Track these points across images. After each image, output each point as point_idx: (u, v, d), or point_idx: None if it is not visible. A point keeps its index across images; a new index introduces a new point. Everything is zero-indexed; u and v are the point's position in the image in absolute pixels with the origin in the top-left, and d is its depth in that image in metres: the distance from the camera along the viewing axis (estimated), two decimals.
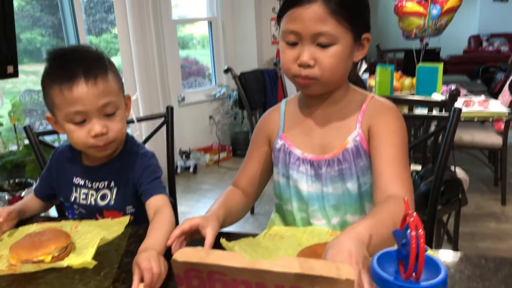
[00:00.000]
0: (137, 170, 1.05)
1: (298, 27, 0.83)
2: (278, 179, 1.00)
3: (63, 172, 1.10)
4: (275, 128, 0.99)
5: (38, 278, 0.80)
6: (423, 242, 0.49)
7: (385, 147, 0.86)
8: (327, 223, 0.95)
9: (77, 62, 0.93)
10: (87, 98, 0.92)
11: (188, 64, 4.92)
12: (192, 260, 0.45)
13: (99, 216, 1.07)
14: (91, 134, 0.95)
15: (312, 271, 0.45)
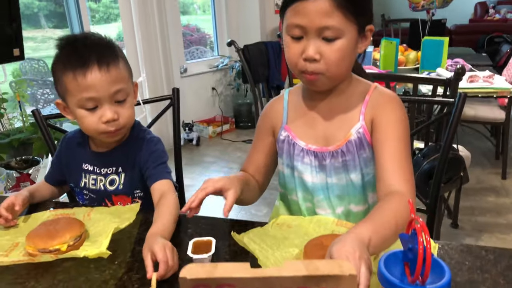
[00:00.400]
0: (143, 154, 1.07)
1: (304, 21, 0.82)
2: (282, 170, 1.01)
3: (73, 158, 1.12)
4: (279, 119, 1.00)
5: (55, 267, 0.83)
6: (430, 248, 0.51)
7: (388, 141, 0.87)
8: (332, 212, 0.97)
9: (90, 49, 0.95)
10: (100, 84, 0.94)
11: (189, 32, 4.85)
12: (200, 276, 0.47)
13: (108, 201, 1.10)
14: (102, 120, 0.97)
15: (318, 271, 0.47)
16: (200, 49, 4.69)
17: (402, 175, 0.83)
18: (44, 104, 4.30)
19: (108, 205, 1.10)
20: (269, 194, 2.98)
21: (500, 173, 2.93)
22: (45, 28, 5.59)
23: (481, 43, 5.04)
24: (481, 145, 3.49)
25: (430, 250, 0.51)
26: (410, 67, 2.93)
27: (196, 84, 4.18)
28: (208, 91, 4.33)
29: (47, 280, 0.79)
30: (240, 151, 3.75)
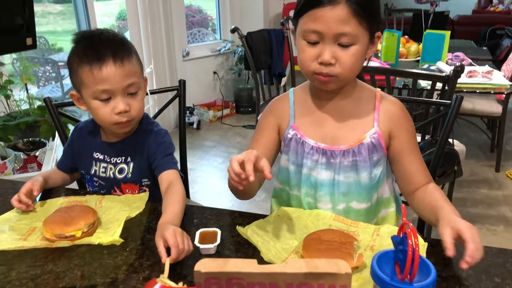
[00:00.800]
0: (151, 145, 1.13)
1: (321, 27, 0.85)
2: (287, 166, 1.05)
3: (84, 147, 1.18)
4: (285, 117, 1.03)
5: (71, 251, 0.89)
6: (418, 250, 0.57)
7: (412, 151, 1.01)
8: (332, 208, 1.02)
9: (106, 45, 1.01)
10: (114, 78, 1.00)
11: (192, 13, 4.84)
12: (213, 270, 0.53)
13: (117, 188, 1.16)
14: (115, 111, 1.03)
15: (317, 269, 0.53)
16: (202, 31, 4.69)
17: (425, 173, 1.01)
18: (45, 82, 4.31)
19: (116, 192, 1.16)
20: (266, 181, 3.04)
21: (494, 165, 3.00)
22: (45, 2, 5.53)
23: (482, 35, 5.05)
24: (477, 138, 3.55)
25: (419, 252, 0.56)
26: (411, 59, 2.96)
27: (197, 68, 4.20)
28: (209, 75, 4.35)
29: (64, 264, 0.85)
30: (240, 136, 3.80)
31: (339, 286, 0.53)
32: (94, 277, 0.81)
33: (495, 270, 0.79)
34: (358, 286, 0.75)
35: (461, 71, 1.83)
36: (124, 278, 0.80)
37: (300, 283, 0.53)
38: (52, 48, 5.05)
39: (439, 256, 0.84)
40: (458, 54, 2.86)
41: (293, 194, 1.07)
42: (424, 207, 0.96)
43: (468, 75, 2.45)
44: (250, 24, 4.28)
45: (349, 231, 0.91)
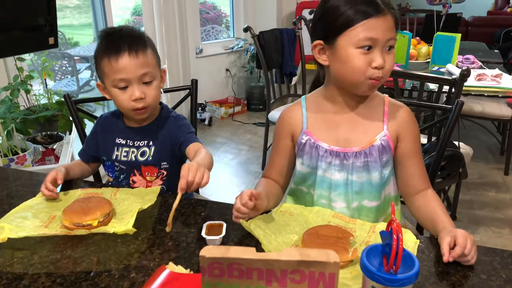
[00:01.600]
0: (173, 129, 1.26)
1: (377, 34, 0.95)
2: (301, 169, 1.11)
3: (107, 134, 1.29)
4: (299, 124, 1.10)
5: (87, 239, 0.96)
6: (402, 245, 0.62)
7: (415, 155, 1.08)
8: (346, 207, 1.08)
9: (123, 39, 1.15)
10: (130, 68, 1.13)
11: (206, 9, 4.91)
12: (216, 255, 0.60)
13: (137, 172, 1.26)
14: (132, 98, 1.16)
15: (309, 257, 0.60)
16: (215, 28, 4.75)
17: (425, 178, 1.09)
18: (61, 76, 4.42)
19: (136, 175, 1.26)
20: None
21: (503, 169, 3.01)
22: None
23: (497, 36, 5.02)
24: (488, 140, 3.55)
25: (402, 246, 0.62)
26: (421, 61, 2.98)
27: (210, 65, 4.27)
28: (222, 72, 4.42)
29: (81, 250, 0.92)
30: (250, 133, 3.86)
31: (328, 273, 0.59)
32: (109, 263, 0.88)
33: (481, 267, 0.84)
34: (352, 278, 0.80)
35: (467, 75, 1.86)
36: (136, 265, 0.87)
37: (293, 270, 0.59)
38: (69, 42, 5.16)
39: (431, 253, 0.89)
40: (468, 57, 2.87)
41: (308, 192, 1.13)
42: (422, 216, 1.05)
43: (477, 78, 2.47)
44: (263, 23, 4.34)
45: (347, 228, 0.96)
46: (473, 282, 0.80)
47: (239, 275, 0.61)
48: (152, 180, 1.27)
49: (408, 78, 2.30)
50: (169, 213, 1.00)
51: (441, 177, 1.99)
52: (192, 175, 0.95)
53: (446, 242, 0.85)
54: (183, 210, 1.08)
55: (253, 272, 0.61)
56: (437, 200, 1.04)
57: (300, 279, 0.60)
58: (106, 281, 0.82)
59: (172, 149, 1.24)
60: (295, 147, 1.12)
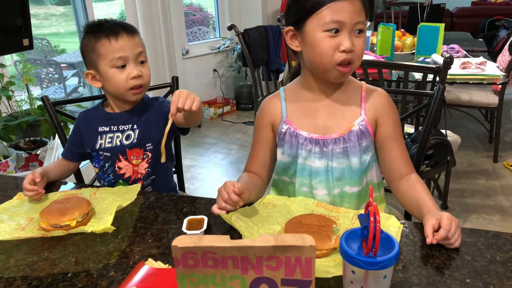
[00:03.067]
0: (155, 107, 1.29)
1: (343, 17, 0.94)
2: (282, 159, 1.11)
3: (89, 126, 1.29)
4: (278, 114, 1.10)
5: (65, 240, 0.94)
6: (379, 227, 0.61)
7: (396, 139, 1.07)
8: (327, 194, 1.07)
9: (116, 24, 1.21)
10: (128, 46, 1.19)
11: (192, 11, 4.88)
12: (189, 245, 0.57)
13: (122, 157, 1.26)
14: (130, 76, 1.20)
15: (284, 242, 0.58)
16: (202, 29, 4.73)
17: (408, 163, 1.08)
18: (48, 84, 4.38)
19: (121, 160, 1.26)
20: None
21: (492, 156, 3.02)
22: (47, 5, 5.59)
23: (482, 26, 5.05)
24: (476, 129, 3.57)
25: (380, 228, 0.61)
26: (406, 52, 2.98)
27: (197, 66, 4.24)
28: (209, 72, 4.40)
29: (59, 252, 0.90)
30: (241, 132, 3.84)
31: (304, 258, 0.57)
32: (88, 262, 0.86)
33: (466, 248, 0.83)
34: (335, 266, 0.79)
35: (450, 63, 1.86)
36: (115, 263, 0.85)
37: (269, 256, 0.58)
38: (55, 50, 5.12)
39: (415, 238, 0.88)
40: (453, 46, 2.88)
41: (291, 182, 1.12)
42: (407, 200, 1.03)
43: (462, 67, 2.47)
44: (249, 21, 4.32)
45: (330, 216, 0.95)
46: (458, 263, 0.79)
47: (214, 264, 0.59)
48: (138, 163, 1.26)
49: (392, 68, 2.30)
50: (151, 211, 0.98)
51: (430, 165, 1.99)
52: (182, 101, 0.97)
53: (430, 224, 0.84)
54: (164, 207, 1.06)
55: (228, 260, 0.59)
56: (421, 184, 1.03)
57: (276, 266, 0.58)
58: (84, 281, 0.80)
59: (158, 127, 1.25)
60: (276, 138, 1.11)
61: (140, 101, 1.30)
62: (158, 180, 1.31)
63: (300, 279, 0.58)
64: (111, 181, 1.28)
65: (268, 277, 0.59)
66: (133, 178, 1.27)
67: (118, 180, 1.26)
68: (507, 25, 3.84)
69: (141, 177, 1.27)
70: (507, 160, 2.99)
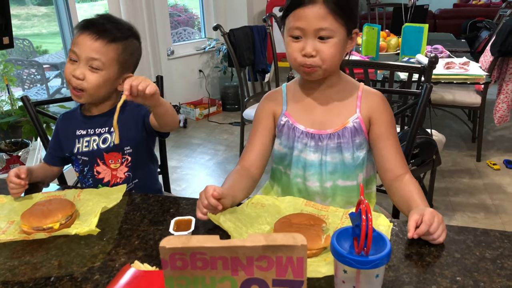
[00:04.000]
0: (132, 109, 1.24)
1: (303, 24, 0.98)
2: (279, 149, 1.15)
3: (67, 129, 1.26)
4: (279, 106, 1.15)
5: (48, 243, 0.91)
6: (371, 225, 0.60)
7: (389, 138, 1.08)
8: (320, 186, 1.11)
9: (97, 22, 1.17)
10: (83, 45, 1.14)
11: (177, 12, 4.85)
12: (177, 245, 0.55)
13: (100, 161, 1.22)
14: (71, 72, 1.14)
15: (275, 242, 0.56)
16: (187, 30, 4.70)
17: (403, 163, 1.08)
18: (30, 85, 4.29)
19: (99, 165, 1.23)
20: None
21: (475, 155, 3.06)
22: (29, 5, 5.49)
23: (464, 28, 5.12)
24: (460, 129, 3.61)
25: (372, 226, 0.60)
26: (391, 52, 3.01)
27: (183, 66, 4.21)
28: (195, 73, 4.37)
29: (41, 255, 0.87)
30: (227, 133, 3.82)
31: (296, 257, 0.56)
32: (71, 266, 0.83)
33: (455, 246, 0.83)
34: (326, 265, 0.78)
35: (435, 62, 1.87)
36: (100, 266, 0.83)
37: (259, 256, 0.56)
38: (37, 51, 5.03)
39: (405, 236, 0.87)
40: (437, 47, 2.91)
41: (285, 172, 1.16)
42: (399, 199, 1.03)
43: (446, 67, 2.50)
44: (234, 22, 4.31)
45: (320, 215, 0.94)
46: (448, 261, 0.79)
47: (203, 265, 0.57)
48: (117, 167, 1.23)
49: (378, 68, 2.31)
50: (137, 212, 0.96)
51: (416, 164, 2.00)
52: (136, 81, 0.97)
53: (413, 219, 0.85)
54: (151, 208, 1.04)
55: (217, 261, 0.57)
56: (414, 184, 1.03)
57: (267, 266, 0.57)
58: (68, 285, 0.78)
59: (136, 130, 1.23)
60: (275, 128, 1.15)
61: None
62: (141, 184, 1.28)
63: (292, 279, 0.57)
64: (91, 185, 1.24)
65: (259, 278, 0.57)
66: (112, 183, 1.23)
67: (97, 185, 1.23)
68: (488, 26, 3.91)
69: (121, 182, 1.24)
70: (490, 159, 3.03)
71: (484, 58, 2.93)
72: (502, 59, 2.85)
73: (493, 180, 2.77)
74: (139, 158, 1.24)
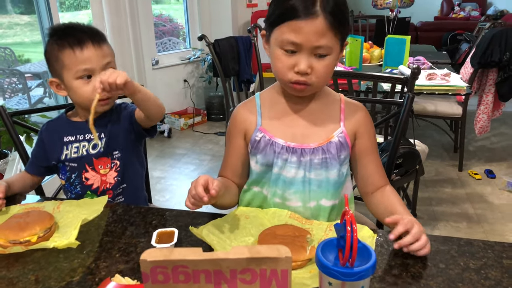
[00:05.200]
0: (120, 112, 1.24)
1: (300, 39, 0.88)
2: (255, 168, 1.05)
3: (53, 137, 1.23)
4: (252, 122, 1.04)
5: (25, 257, 0.88)
6: (356, 236, 0.59)
7: (373, 152, 1.07)
8: (302, 206, 1.03)
9: (83, 31, 1.14)
10: (95, 57, 1.13)
11: (162, 22, 4.84)
12: (158, 258, 0.54)
13: (88, 167, 1.20)
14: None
15: (259, 254, 0.55)
16: (172, 40, 4.69)
17: (383, 175, 1.08)
18: (11, 94, 4.21)
19: (88, 171, 1.20)
20: None
21: (457, 165, 3.10)
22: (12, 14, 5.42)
23: (444, 40, 5.24)
24: (442, 139, 3.66)
25: (356, 238, 0.59)
26: (374, 63, 3.04)
27: (167, 76, 4.19)
28: (180, 83, 4.35)
29: (17, 270, 0.84)
30: (212, 143, 3.80)
31: (280, 270, 0.55)
32: (49, 281, 0.80)
33: (440, 257, 0.83)
34: (311, 277, 0.77)
35: (418, 73, 1.90)
36: (80, 280, 0.80)
37: (243, 269, 0.55)
38: (19, 60, 4.95)
39: (390, 247, 0.87)
40: (419, 58, 2.96)
41: (260, 193, 1.08)
42: (382, 211, 1.02)
43: (428, 78, 2.54)
44: (219, 32, 4.31)
45: (304, 228, 0.93)
46: (432, 272, 0.79)
47: (185, 279, 0.56)
48: (106, 173, 1.21)
49: (362, 78, 2.33)
50: (118, 224, 0.93)
51: (399, 174, 2.02)
52: (105, 76, 0.97)
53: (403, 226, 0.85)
54: (133, 220, 1.01)
55: (200, 274, 0.56)
56: (396, 195, 1.03)
57: (251, 279, 0.56)
58: None
59: (124, 133, 1.22)
60: (248, 146, 1.06)
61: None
62: (129, 189, 1.26)
63: None
64: (79, 193, 1.22)
65: None
66: (101, 189, 1.21)
67: (86, 192, 1.21)
68: (468, 39, 4.00)
69: (110, 187, 1.22)
70: (471, 168, 3.08)
71: (465, 69, 2.99)
72: (482, 70, 2.91)
73: (475, 189, 2.81)
74: (128, 162, 1.22)
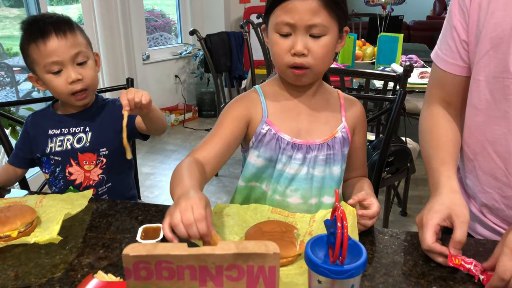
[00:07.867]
0: (113, 110, 1.21)
1: (294, 19, 0.87)
2: (256, 162, 1.00)
3: (38, 129, 1.20)
4: (258, 111, 0.99)
5: (5, 252, 0.85)
6: (347, 233, 0.57)
7: (364, 147, 1.10)
8: (303, 203, 1.01)
9: (48, 23, 1.09)
10: (60, 49, 1.07)
11: (154, 17, 4.79)
12: (141, 253, 0.52)
13: (73, 161, 1.17)
14: (68, 81, 1.10)
15: (246, 250, 0.53)
16: (164, 35, 4.64)
17: (364, 168, 1.12)
18: None
19: (72, 165, 1.17)
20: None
21: None
22: (1, 6, 5.33)
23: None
24: None
25: (347, 235, 0.57)
26: (367, 61, 3.03)
27: (158, 71, 4.15)
28: (171, 78, 4.31)
29: None
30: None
31: (268, 266, 0.53)
32: (29, 277, 0.77)
33: None
34: (302, 273, 0.75)
35: (410, 71, 1.89)
36: (61, 277, 0.77)
37: (229, 265, 0.53)
38: (7, 53, 4.87)
39: (381, 244, 0.85)
40: (411, 56, 2.95)
41: (259, 188, 1.04)
42: (350, 191, 1.03)
43: (420, 76, 2.54)
44: (211, 28, 4.27)
45: (287, 222, 0.90)
46: (424, 270, 0.77)
47: (169, 275, 0.54)
48: (91, 169, 1.18)
49: (355, 75, 2.32)
50: (103, 219, 0.90)
51: (390, 172, 2.01)
52: (131, 94, 0.95)
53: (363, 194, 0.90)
54: (118, 215, 0.98)
55: (184, 271, 0.53)
56: (368, 183, 1.05)
57: (237, 276, 0.54)
58: None
59: (114, 132, 1.13)
60: (252, 138, 0.99)
61: (95, 102, 1.21)
62: (115, 188, 1.23)
63: None
64: (62, 187, 1.19)
65: None
66: (84, 185, 1.18)
67: (68, 187, 1.18)
68: None
69: (93, 184, 1.19)
70: None
71: None
72: None
73: None
74: (114, 161, 1.19)
